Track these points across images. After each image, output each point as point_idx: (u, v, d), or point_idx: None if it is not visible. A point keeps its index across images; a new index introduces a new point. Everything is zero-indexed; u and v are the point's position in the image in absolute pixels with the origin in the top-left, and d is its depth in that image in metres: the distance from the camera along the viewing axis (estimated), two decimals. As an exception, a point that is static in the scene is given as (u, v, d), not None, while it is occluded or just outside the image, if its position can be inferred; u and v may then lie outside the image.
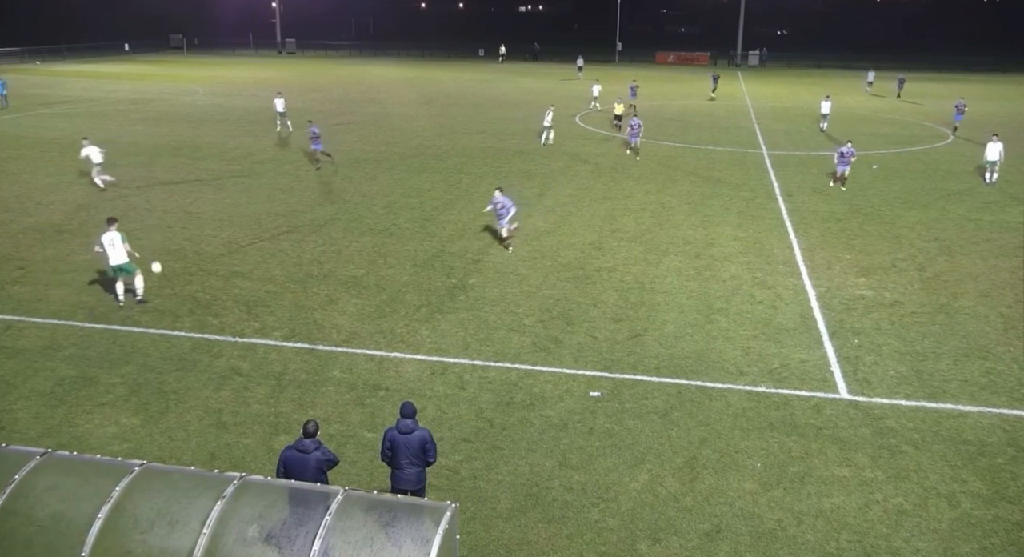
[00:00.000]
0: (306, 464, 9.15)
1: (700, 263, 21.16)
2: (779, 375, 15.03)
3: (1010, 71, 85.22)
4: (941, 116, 50.11)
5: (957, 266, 21.19)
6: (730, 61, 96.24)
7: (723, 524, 10.78)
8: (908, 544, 10.42)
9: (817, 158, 36.14)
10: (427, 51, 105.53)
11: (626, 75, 73.36)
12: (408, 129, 43.25)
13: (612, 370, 15.13)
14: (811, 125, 45.72)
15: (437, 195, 28.33)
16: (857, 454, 12.46)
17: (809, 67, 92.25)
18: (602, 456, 12.31)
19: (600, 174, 31.92)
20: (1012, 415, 13.68)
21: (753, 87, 69.14)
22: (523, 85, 68.83)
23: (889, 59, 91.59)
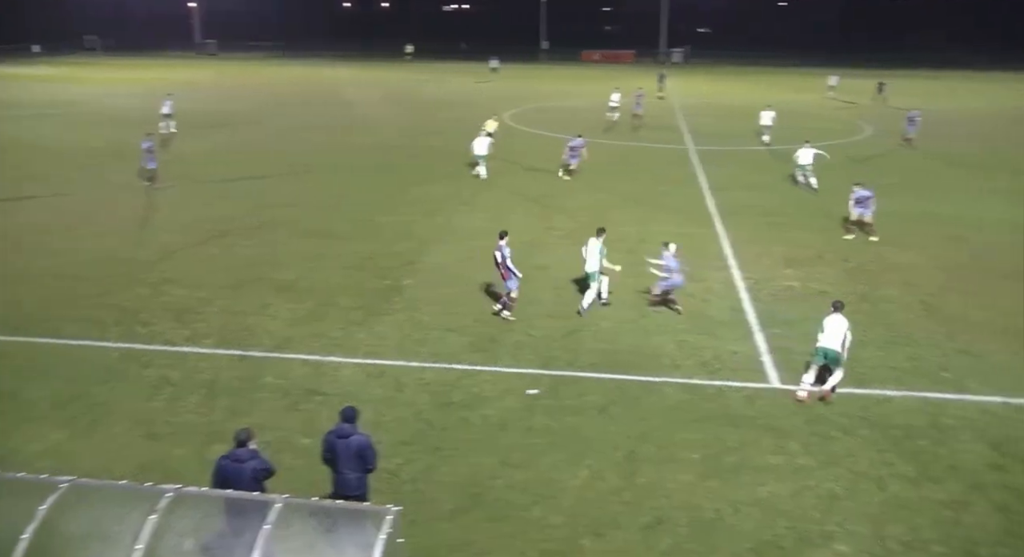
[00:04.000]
0: (241, 474, 8.95)
1: (634, 258, 21.31)
2: (713, 367, 15.30)
3: (922, 66, 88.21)
4: (861, 111, 51.68)
5: (881, 256, 21.86)
6: (654, 59, 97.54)
7: (663, 516, 10.92)
8: (841, 527, 10.71)
9: (743, 152, 36.92)
10: (350, 51, 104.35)
11: (553, 75, 73.86)
12: (339, 130, 42.75)
13: (550, 367, 15.19)
14: (736, 121, 46.63)
15: (373, 196, 28.04)
16: (790, 442, 12.76)
17: (732, 64, 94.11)
18: (543, 453, 12.36)
19: (535, 174, 32.04)
20: (934, 398, 14.18)
21: (678, 84, 70.17)
22: (450, 85, 68.63)
23: (809, 57, 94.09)
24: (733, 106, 54.57)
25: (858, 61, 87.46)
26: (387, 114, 49.15)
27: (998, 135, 43.39)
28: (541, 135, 41.42)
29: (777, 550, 10.30)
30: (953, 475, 11.90)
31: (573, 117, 47.67)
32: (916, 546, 10.36)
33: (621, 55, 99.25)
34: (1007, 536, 10.57)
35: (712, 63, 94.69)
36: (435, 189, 29.17)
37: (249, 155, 35.19)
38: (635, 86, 49.84)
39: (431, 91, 63.04)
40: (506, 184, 30.07)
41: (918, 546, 10.36)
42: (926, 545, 10.38)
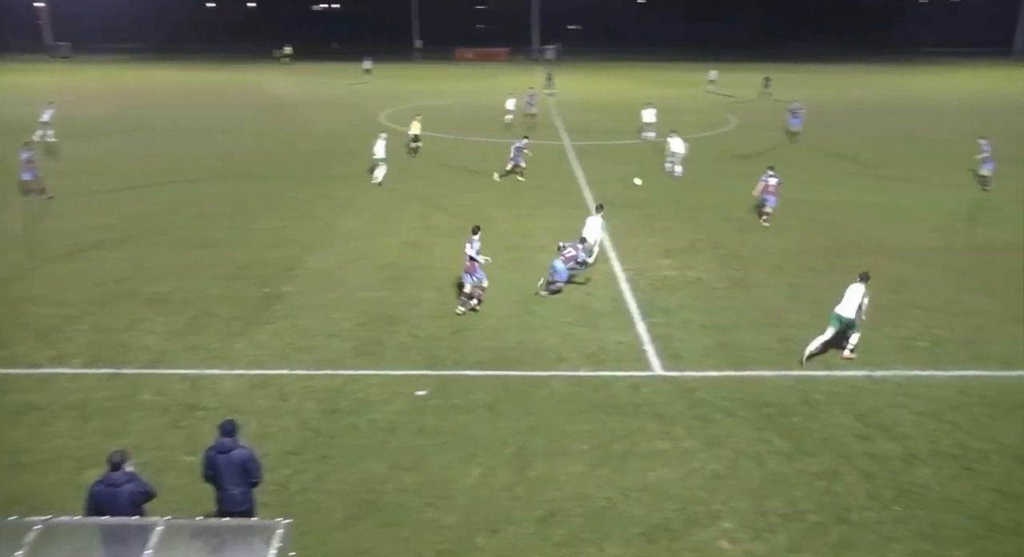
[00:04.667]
0: (117, 499, 8.53)
1: (516, 255, 21.57)
2: (598, 358, 15.60)
3: (787, 60, 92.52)
4: (735, 105, 53.73)
5: (749, 242, 22.81)
6: (527, 56, 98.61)
7: (556, 508, 11.07)
8: (726, 506, 11.13)
9: (618, 147, 37.79)
10: (217, 52, 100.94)
11: (427, 74, 73.64)
12: (210, 136, 41.29)
13: (437, 367, 15.14)
14: (610, 116, 47.68)
15: (248, 202, 27.22)
16: (674, 427, 13.15)
17: (603, 61, 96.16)
18: (434, 454, 12.31)
19: (414, 173, 31.84)
20: (804, 376, 14.90)
21: (544, 80, 71.09)
22: (325, 87, 67.39)
23: (680, 53, 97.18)
24: (607, 102, 55.76)
25: (730, 57, 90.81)
26: (260, 118, 47.82)
27: (860, 124, 45.93)
28: (426, 135, 41.18)
29: (666, 532, 10.61)
30: (824, 447, 12.55)
31: (448, 116, 47.70)
32: (794, 517, 10.88)
33: (495, 53, 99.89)
34: (872, 500, 11.23)
35: (584, 60, 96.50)
36: (311, 192, 28.59)
37: (120, 163, 33.50)
38: (525, 85, 50.20)
39: (305, 93, 61.70)
40: (385, 184, 29.75)
41: (795, 517, 10.88)
42: (803, 515, 10.92)
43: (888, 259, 21.31)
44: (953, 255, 21.88)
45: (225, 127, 43.84)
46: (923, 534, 10.54)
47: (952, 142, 39.83)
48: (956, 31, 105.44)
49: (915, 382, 14.70)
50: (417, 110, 43.04)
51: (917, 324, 17.17)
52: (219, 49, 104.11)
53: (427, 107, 51.76)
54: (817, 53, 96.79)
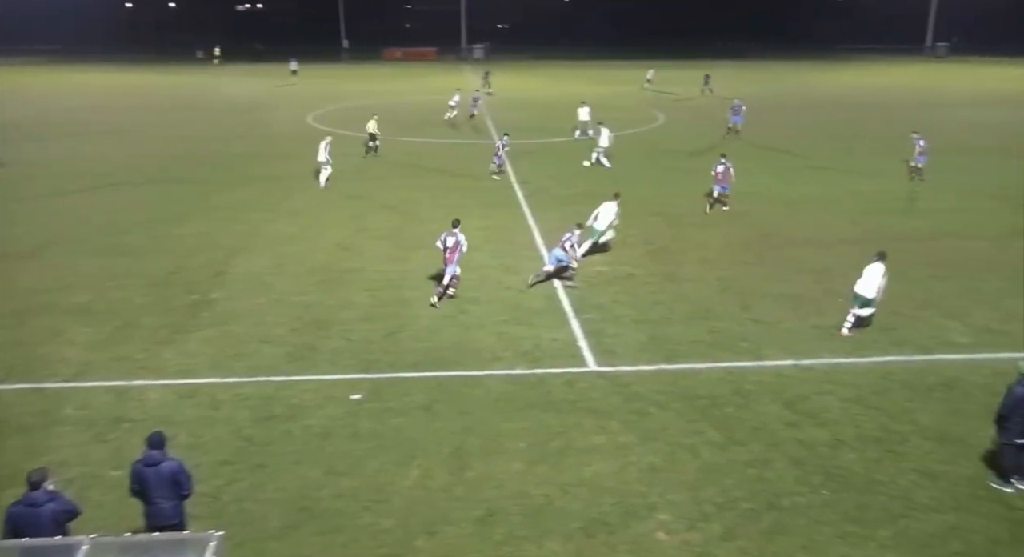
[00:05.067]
0: (38, 519, 8.24)
1: (448, 255, 21.49)
2: (533, 356, 15.67)
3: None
4: (657, 101, 54.46)
5: (679, 237, 23.19)
6: (456, 55, 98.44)
7: (495, 507, 11.08)
8: (662, 498, 11.29)
9: (547, 145, 37.98)
10: (137, 54, 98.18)
11: (355, 74, 72.89)
12: (131, 139, 40.16)
13: (371, 371, 15.02)
14: (540, 114, 47.90)
15: (172, 207, 26.54)
16: (610, 421, 13.29)
17: (532, 59, 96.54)
18: (370, 458, 12.21)
19: (344, 175, 31.45)
20: (735, 367, 15.22)
21: (480, 79, 71.14)
22: (251, 89, 66.15)
23: (605, 51, 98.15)
24: (537, 100, 56.02)
25: (658, 55, 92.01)
26: (186, 120, 46.72)
27: (788, 118, 47.01)
28: (344, 135, 40.77)
29: (604, 526, 10.71)
30: (755, 436, 12.84)
31: (382, 116, 47.26)
32: (728, 506, 11.10)
33: (423, 53, 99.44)
34: (801, 485, 11.54)
35: (513, 59, 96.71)
36: (239, 196, 28.07)
37: (35, 170, 32.32)
38: (456, 84, 50.17)
39: (230, 95, 60.46)
40: (313, 186, 29.38)
41: (729, 505, 11.11)
42: (736, 503, 11.15)
43: (812, 250, 21.92)
44: (871, 245, 22.37)
45: (148, 130, 42.70)
46: (850, 516, 10.87)
47: (876, 135, 41.16)
48: (871, 29, 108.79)
49: (840, 369, 15.14)
50: (343, 110, 42.59)
51: (840, 312, 17.62)
52: (138, 50, 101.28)
53: (359, 107, 51.28)
54: (737, 50, 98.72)
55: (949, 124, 40.83)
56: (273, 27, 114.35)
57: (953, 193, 28.58)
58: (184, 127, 44.13)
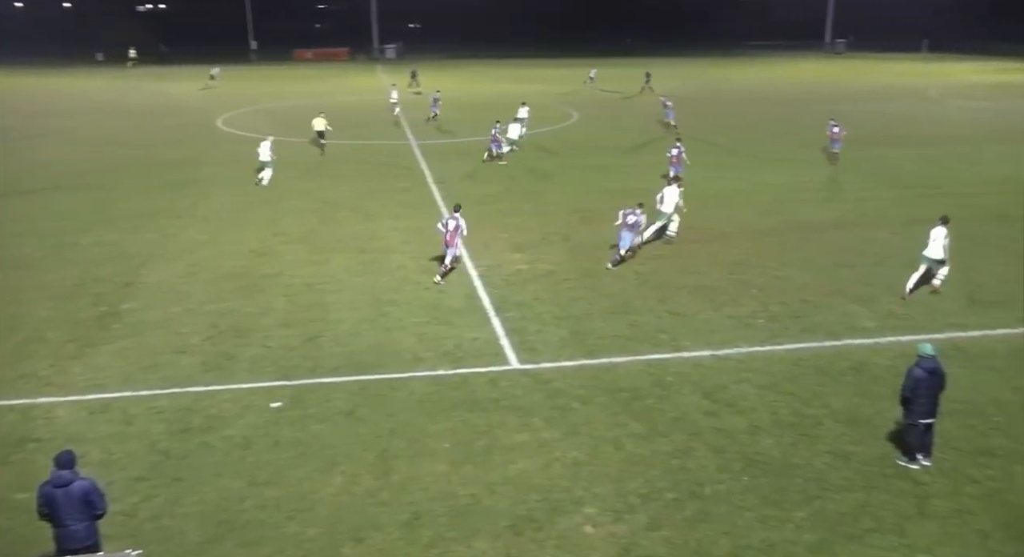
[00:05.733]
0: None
1: (366, 257, 21.31)
2: (455, 356, 15.64)
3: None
4: (554, 97, 54.94)
5: (596, 233, 23.40)
6: (368, 56, 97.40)
7: (421, 510, 11.02)
8: (588, 492, 11.41)
9: (463, 144, 37.91)
10: (31, 57, 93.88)
11: (268, 75, 71.42)
12: (34, 146, 38.46)
13: (291, 377, 14.75)
14: (453, 113, 47.77)
15: (77, 217, 25.52)
16: (534, 418, 13.36)
17: (446, 59, 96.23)
18: (293, 467, 11.99)
19: (255, 177, 30.81)
20: (654, 359, 15.49)
21: (393, 79, 70.64)
22: (167, 90, 64.11)
23: (515, 50, 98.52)
24: (450, 100, 55.76)
25: (577, 53, 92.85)
26: (92, 125, 45.00)
27: (704, 112, 48.01)
28: (256, 139, 39.96)
29: (532, 523, 10.76)
30: (677, 426, 13.08)
31: (289, 117, 46.49)
32: (652, 497, 11.28)
33: (335, 53, 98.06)
34: (722, 473, 11.82)
35: (427, 59, 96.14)
36: (148, 203, 27.20)
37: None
38: (371, 85, 49.74)
39: (144, 99, 58.42)
40: (225, 191, 28.71)
41: (654, 496, 11.29)
42: (660, 494, 11.34)
43: (726, 242, 22.47)
44: (780, 235, 23.27)
45: (50, 136, 40.96)
46: (769, 500, 11.18)
47: (786, 128, 42.40)
48: (774, 26, 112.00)
49: (755, 357, 15.56)
50: (257, 113, 41.72)
51: (754, 302, 18.17)
52: (33, 53, 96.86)
53: (272, 110, 50.32)
54: (648, 48, 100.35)
55: (851, 116, 42.21)
56: (177, 28, 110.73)
57: (857, 183, 29.67)
58: (92, 132, 42.51)
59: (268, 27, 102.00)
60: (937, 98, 55.94)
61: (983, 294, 18.58)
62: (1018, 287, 18.94)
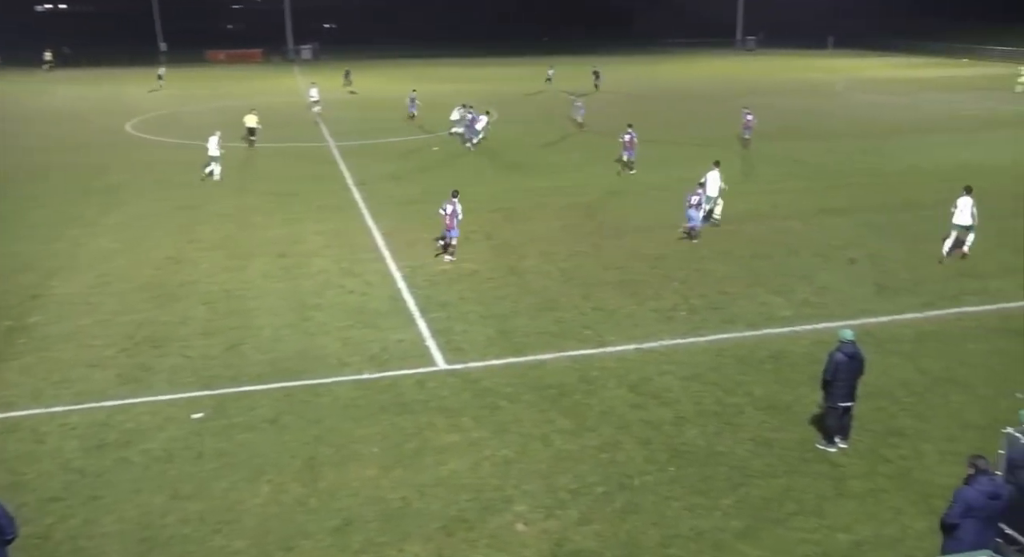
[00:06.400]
0: None
1: (287, 262, 20.94)
2: (381, 359, 15.50)
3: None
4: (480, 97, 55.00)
5: (519, 231, 23.54)
6: (284, 56, 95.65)
7: (352, 515, 10.89)
8: (518, 489, 11.45)
9: (382, 145, 37.61)
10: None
11: (183, 78, 69.45)
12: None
13: (213, 387, 14.39)
14: (371, 113, 47.36)
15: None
16: (462, 418, 13.34)
17: (363, 59, 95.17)
18: (217, 478, 11.70)
19: (170, 184, 29.98)
20: (580, 355, 15.63)
21: (310, 81, 69.62)
22: (78, 94, 61.65)
23: (436, 50, 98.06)
24: (368, 100, 55.31)
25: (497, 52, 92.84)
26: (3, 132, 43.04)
27: (623, 109, 48.59)
28: (167, 143, 38.89)
29: (463, 523, 10.74)
30: (604, 421, 13.24)
31: (202, 121, 45.39)
32: (582, 491, 11.39)
33: (249, 54, 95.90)
34: (650, 464, 12.01)
35: (343, 59, 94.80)
36: (56, 211, 26.15)
37: None
38: (286, 86, 48.95)
39: (57, 102, 56.02)
40: (138, 198, 27.83)
41: (584, 491, 11.40)
42: (590, 488, 11.46)
43: (646, 236, 22.82)
44: (700, 229, 23.75)
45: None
46: (696, 489, 11.40)
47: (704, 123, 43.25)
48: (687, 24, 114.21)
49: (678, 349, 15.85)
50: (173, 116, 40.52)
51: (675, 295, 18.50)
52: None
53: (184, 113, 48.98)
54: (565, 46, 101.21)
55: (762, 111, 43.33)
56: (80, 29, 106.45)
57: (769, 176, 30.49)
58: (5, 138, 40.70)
59: (177, 28, 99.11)
60: (843, 92, 57.91)
61: (890, 281, 19.33)
62: (923, 273, 19.77)
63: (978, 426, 12.76)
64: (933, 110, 48.34)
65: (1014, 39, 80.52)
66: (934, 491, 11.01)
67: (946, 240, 20.49)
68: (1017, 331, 16.55)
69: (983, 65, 77.41)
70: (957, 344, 15.97)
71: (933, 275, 19.66)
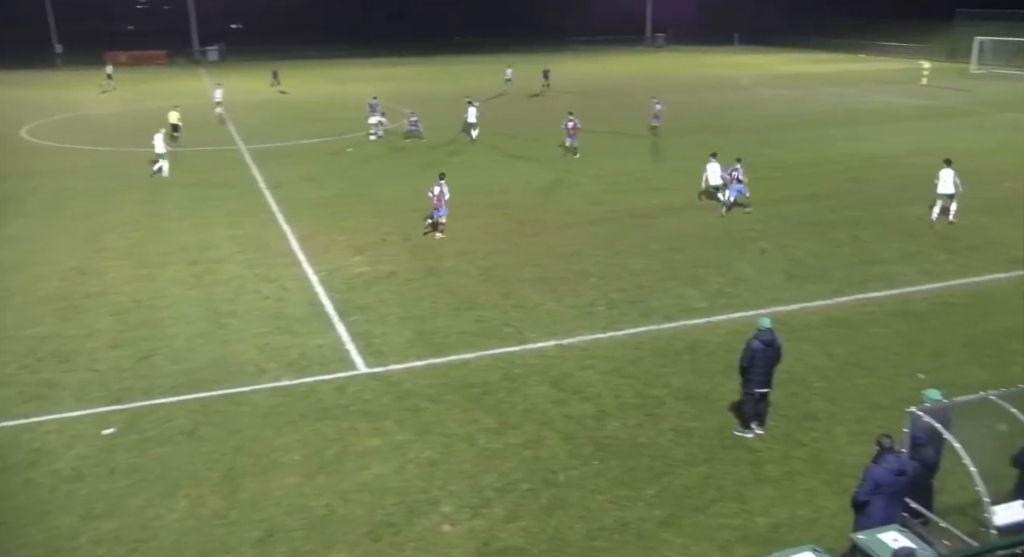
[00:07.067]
0: None
1: (199, 269, 20.39)
2: (300, 365, 15.23)
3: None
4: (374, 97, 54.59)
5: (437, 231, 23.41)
6: (189, 58, 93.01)
7: (274, 526, 10.68)
8: (443, 490, 11.41)
9: (295, 147, 36.97)
10: None
11: (81, 81, 66.87)
12: None
13: (124, 401, 13.90)
14: (283, 115, 46.48)
15: None
16: (385, 422, 13.22)
17: (273, 60, 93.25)
18: (131, 495, 11.31)
19: (73, 192, 28.82)
20: (502, 353, 15.68)
21: (216, 82, 67.94)
22: None
23: (344, 50, 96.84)
24: (279, 101, 54.29)
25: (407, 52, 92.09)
26: None
27: (533, 107, 48.81)
28: (78, 149, 37.39)
29: (390, 527, 10.65)
30: (527, 418, 13.31)
31: (107, 126, 43.87)
32: (508, 489, 11.43)
33: (152, 56, 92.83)
34: (574, 459, 12.13)
35: (252, 60, 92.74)
36: (-55, 223, 24.87)
37: None
38: (193, 88, 47.63)
39: None
40: (38, 207, 26.68)
41: (509, 488, 11.44)
42: (516, 485, 11.51)
43: (562, 233, 23.03)
44: (613, 223, 24.09)
45: None
46: (620, 481, 11.57)
47: (614, 119, 43.73)
48: (596, 21, 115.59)
49: (598, 344, 16.05)
50: (67, 122, 38.92)
51: (593, 291, 18.72)
52: None
53: (83, 118, 47.13)
54: (473, 46, 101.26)
55: (673, 107, 44.21)
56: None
57: (679, 170, 31.03)
58: None
59: (74, 29, 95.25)
60: (749, 87, 59.52)
61: (799, 269, 19.97)
62: (829, 262, 20.49)
63: (884, 406, 13.30)
64: (835, 103, 50.16)
65: (906, 35, 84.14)
66: (845, 471, 11.43)
67: (933, 208, 23.17)
68: (917, 314, 17.33)
69: (880, 61, 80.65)
70: (863, 329, 16.61)
71: (839, 263, 20.39)
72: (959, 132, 38.60)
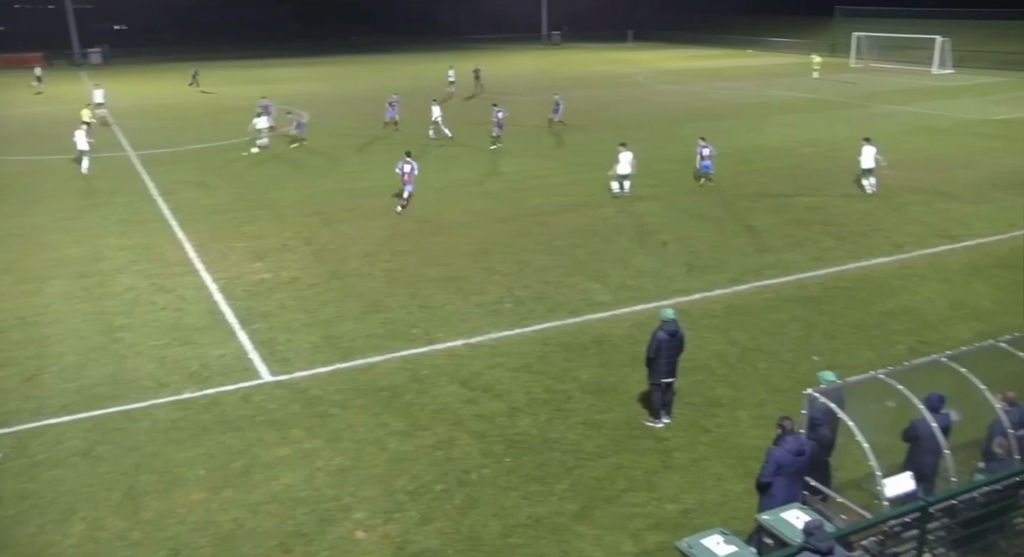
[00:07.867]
0: None
1: (89, 282, 19.51)
2: (201, 376, 14.76)
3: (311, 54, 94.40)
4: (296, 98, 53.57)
5: (338, 234, 23.08)
6: (69, 61, 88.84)
7: (180, 544, 10.32)
8: (355, 497, 11.26)
9: (187, 152, 35.76)
10: None
11: None
12: None
13: (11, 424, 13.18)
14: (171, 119, 44.92)
15: None
16: (293, 430, 12.95)
17: (160, 61, 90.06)
18: (21, 523, 10.73)
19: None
20: (410, 354, 15.56)
21: (94, 82, 65.17)
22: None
23: (236, 51, 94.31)
24: (166, 105, 52.41)
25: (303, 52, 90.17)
26: None
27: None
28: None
29: (301, 537, 10.44)
30: (438, 418, 13.24)
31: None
32: (421, 491, 11.35)
33: (26, 59, 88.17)
34: (486, 457, 12.15)
35: (136, 62, 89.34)
36: None
37: None
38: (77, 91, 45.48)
39: None
40: None
41: (422, 490, 11.37)
42: (429, 487, 11.44)
43: (466, 232, 23.01)
44: (516, 221, 24.20)
45: None
46: (532, 477, 11.64)
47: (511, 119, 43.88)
48: (490, 19, 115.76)
49: (506, 342, 16.10)
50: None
51: (499, 289, 18.78)
52: None
53: (-51, 125, 44.39)
54: (372, 45, 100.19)
55: (571, 103, 44.68)
56: None
57: (578, 167, 31.45)
58: None
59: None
60: (644, 83, 60.74)
61: (699, 260, 20.51)
62: (726, 252, 21.11)
63: (783, 389, 13.80)
64: (728, 97, 51.66)
65: (791, 31, 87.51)
66: (749, 454, 11.80)
67: (864, 181, 26.34)
68: (810, 298, 18.03)
69: (768, 56, 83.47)
70: (761, 315, 17.18)
71: (736, 252, 21.03)
72: (843, 123, 40.29)
